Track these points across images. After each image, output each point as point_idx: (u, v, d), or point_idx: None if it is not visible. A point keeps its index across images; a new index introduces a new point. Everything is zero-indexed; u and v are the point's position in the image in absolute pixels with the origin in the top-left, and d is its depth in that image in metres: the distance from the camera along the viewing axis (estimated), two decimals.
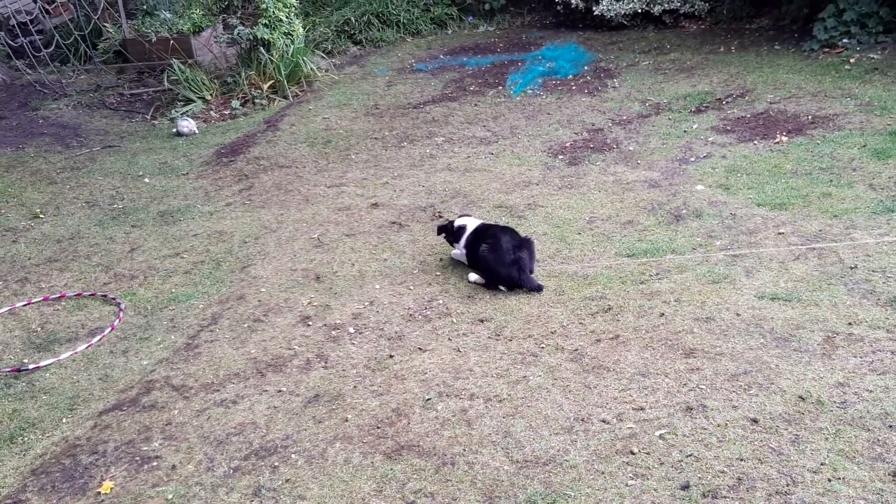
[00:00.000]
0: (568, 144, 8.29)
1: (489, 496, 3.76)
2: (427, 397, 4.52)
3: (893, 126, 7.54)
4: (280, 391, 4.74)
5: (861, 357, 4.47)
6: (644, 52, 11.25)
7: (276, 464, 4.12)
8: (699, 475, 3.76)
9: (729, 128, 8.19)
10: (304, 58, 11.26)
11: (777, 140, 7.69)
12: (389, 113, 9.94)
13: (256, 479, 4.03)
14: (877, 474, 3.66)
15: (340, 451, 4.16)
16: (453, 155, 8.32)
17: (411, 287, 5.78)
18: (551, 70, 10.84)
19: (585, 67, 10.83)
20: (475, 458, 4.01)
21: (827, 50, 9.92)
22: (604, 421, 4.19)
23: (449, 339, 5.11)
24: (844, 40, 9.90)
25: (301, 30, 11.27)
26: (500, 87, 10.42)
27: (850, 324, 4.78)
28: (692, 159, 7.53)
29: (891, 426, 3.93)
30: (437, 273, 5.95)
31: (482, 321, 5.28)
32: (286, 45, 10.88)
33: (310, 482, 3.97)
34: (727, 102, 8.89)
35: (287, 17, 10.80)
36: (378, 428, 4.31)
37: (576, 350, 4.84)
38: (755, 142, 7.74)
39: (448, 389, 4.58)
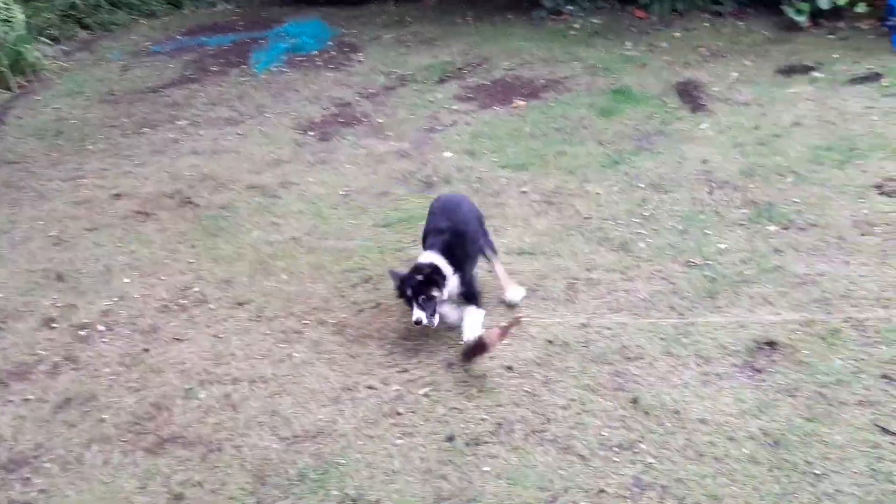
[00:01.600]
0: (317, 120, 8.26)
1: (259, 476, 3.73)
2: (188, 387, 4.39)
3: (615, 85, 8.15)
4: (26, 399, 4.42)
5: (599, 299, 4.85)
6: (386, 26, 11.37)
7: (28, 475, 3.86)
8: (462, 426, 3.93)
9: (471, 96, 8.50)
10: (28, 45, 10.40)
11: (515, 105, 8.08)
12: (126, 99, 9.41)
13: (7, 495, 3.75)
14: (619, 403, 4.00)
15: (98, 453, 3.96)
16: (198, 138, 8.04)
17: (163, 277, 5.55)
18: (295, 46, 10.72)
19: (329, 42, 10.80)
20: (243, 441, 3.96)
21: (554, 17, 10.52)
22: (370, 387, 4.27)
23: (207, 326, 4.97)
24: (569, 7, 10.56)
25: (21, 16, 10.37)
26: (244, 66, 10.17)
27: (588, 269, 5.15)
28: (439, 128, 7.75)
29: (628, 358, 4.30)
30: (191, 260, 5.75)
31: (241, 304, 5.18)
32: (5, 32, 9.98)
33: (66, 489, 3.75)
34: (467, 71, 9.21)
35: (4, 3, 9.92)
36: (137, 424, 4.13)
37: (339, 322, 4.88)
38: (495, 108, 8.08)
39: (210, 377, 4.47)
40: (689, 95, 7.75)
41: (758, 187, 5.88)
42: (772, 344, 4.30)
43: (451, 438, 3.85)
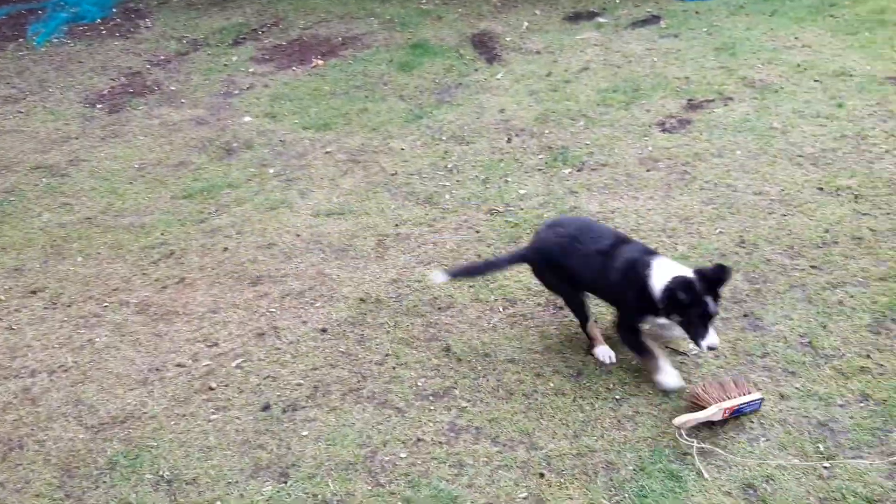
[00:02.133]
0: (106, 92, 7.82)
1: (66, 469, 3.55)
2: None
3: (413, 40, 8.19)
4: None
5: (409, 253, 4.91)
6: None
7: None
8: (278, 393, 3.89)
9: (268, 57, 8.29)
10: None
11: (314, 64, 7.96)
12: None
13: None
14: (433, 353, 4.09)
15: None
16: None
17: None
18: (76, 15, 10.05)
19: (114, 10, 10.20)
20: (46, 434, 3.76)
21: None
22: (179, 365, 4.15)
23: None
24: None
25: None
26: (21, 40, 9.45)
27: (396, 225, 5.19)
28: (236, 92, 7.53)
29: (439, 308, 4.39)
30: None
31: (35, 292, 4.88)
32: None
33: None
34: (263, 32, 8.97)
35: None
36: None
37: (141, 302, 4.69)
38: (294, 68, 7.94)
39: (5, 371, 4.21)
40: (485, 46, 7.91)
41: (552, 132, 6.10)
42: None
43: (266, 407, 3.81)
